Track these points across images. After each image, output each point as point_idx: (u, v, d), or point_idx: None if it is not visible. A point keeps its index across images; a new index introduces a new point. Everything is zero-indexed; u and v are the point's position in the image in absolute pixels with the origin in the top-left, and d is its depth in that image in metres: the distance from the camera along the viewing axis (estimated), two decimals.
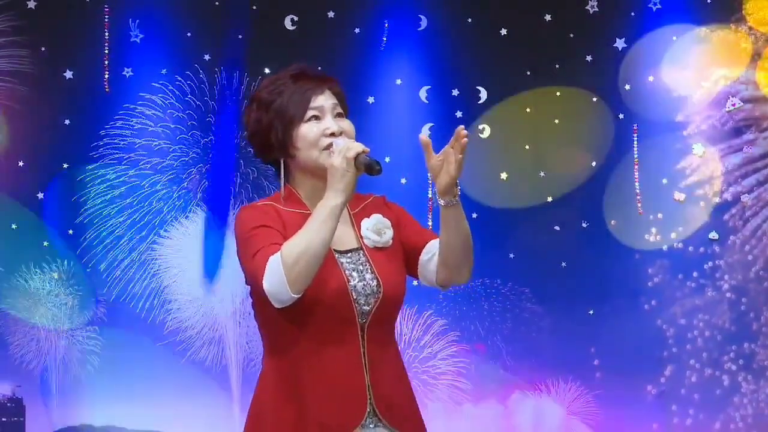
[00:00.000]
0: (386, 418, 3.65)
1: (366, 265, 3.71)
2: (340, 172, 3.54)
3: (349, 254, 3.72)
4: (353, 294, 3.65)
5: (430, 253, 3.79)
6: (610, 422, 8.14)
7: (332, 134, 3.70)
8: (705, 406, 8.16)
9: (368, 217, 3.77)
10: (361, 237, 3.74)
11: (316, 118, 3.71)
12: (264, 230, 3.67)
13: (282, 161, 3.75)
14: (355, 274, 3.68)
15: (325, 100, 3.74)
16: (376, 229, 3.74)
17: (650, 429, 8.17)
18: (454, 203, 3.60)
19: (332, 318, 3.64)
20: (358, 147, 3.59)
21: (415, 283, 3.88)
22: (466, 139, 3.59)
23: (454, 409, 7.98)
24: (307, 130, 3.69)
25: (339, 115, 3.74)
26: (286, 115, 3.70)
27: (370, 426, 3.65)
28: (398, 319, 3.89)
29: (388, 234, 3.75)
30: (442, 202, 3.64)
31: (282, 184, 3.75)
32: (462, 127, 3.60)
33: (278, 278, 3.55)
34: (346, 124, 3.74)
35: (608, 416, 8.15)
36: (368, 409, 3.64)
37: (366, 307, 3.66)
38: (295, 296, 3.58)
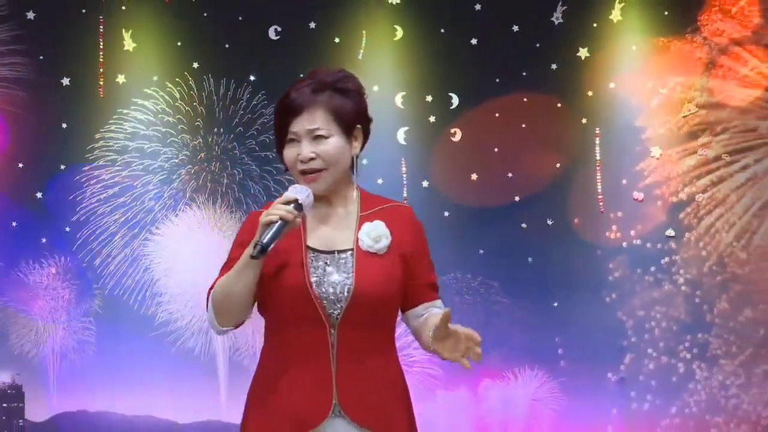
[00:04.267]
0: (353, 417, 3.65)
1: (349, 266, 3.70)
2: (261, 228, 3.53)
3: (336, 254, 3.71)
4: (317, 295, 3.64)
5: (420, 317, 3.75)
6: (573, 408, 8.14)
7: (309, 159, 3.67)
8: (662, 392, 8.18)
9: (372, 222, 3.75)
10: (358, 239, 3.73)
11: (295, 141, 3.70)
12: (233, 252, 3.73)
13: None
14: (333, 275, 3.67)
15: (300, 125, 3.69)
16: (374, 235, 3.72)
17: (610, 414, 8.18)
18: (439, 356, 3.60)
19: (298, 316, 3.66)
20: (272, 216, 3.53)
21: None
22: (478, 359, 3.49)
23: (426, 395, 7.95)
24: (286, 154, 3.71)
25: (317, 137, 3.68)
26: (276, 137, 3.75)
27: (335, 423, 3.66)
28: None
29: (384, 242, 3.71)
30: (429, 348, 3.60)
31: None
32: (480, 341, 3.49)
33: (210, 314, 3.68)
34: (323, 147, 3.67)
35: (571, 402, 8.13)
36: (333, 407, 3.65)
37: (338, 307, 3.66)
38: (225, 329, 3.70)
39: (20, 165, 7.97)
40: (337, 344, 3.64)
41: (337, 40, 8.15)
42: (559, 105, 8.20)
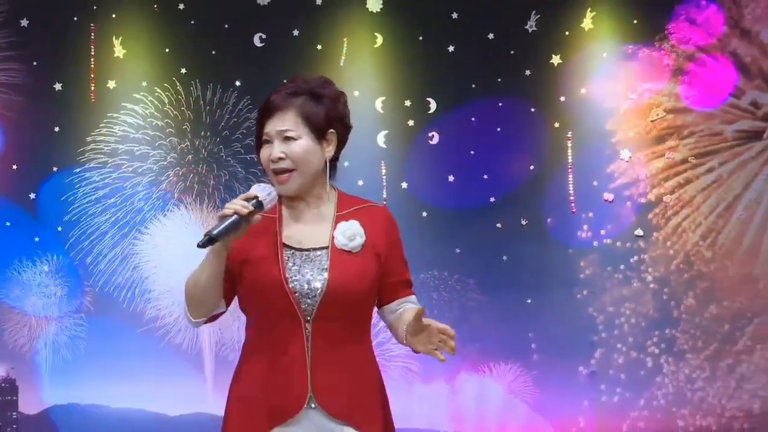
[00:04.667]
0: (327, 409, 3.67)
1: (324, 263, 3.71)
2: (217, 221, 3.57)
3: (311, 252, 3.73)
4: (292, 290, 3.66)
5: (395, 312, 3.80)
6: (546, 400, 8.12)
7: (278, 159, 3.72)
8: (630, 385, 8.17)
9: (347, 221, 3.76)
10: (333, 237, 3.74)
11: (268, 142, 3.75)
12: None
13: None
14: (307, 271, 3.69)
15: (272, 126, 3.73)
16: (349, 233, 3.73)
17: (581, 406, 8.15)
18: (414, 349, 3.64)
19: (274, 311, 3.67)
20: (228, 210, 3.55)
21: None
22: (452, 352, 3.54)
23: (404, 388, 7.96)
24: (261, 154, 3.77)
25: (287, 138, 3.71)
26: (255, 139, 3.82)
27: (311, 414, 3.67)
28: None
29: (359, 241, 3.73)
30: (404, 341, 3.66)
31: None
32: (455, 335, 3.54)
33: (184, 305, 3.74)
34: (291, 148, 3.71)
35: (544, 394, 8.11)
36: (308, 398, 3.67)
37: (312, 302, 3.67)
38: (197, 320, 3.74)
39: (14, 167, 7.94)
40: (311, 338, 3.66)
41: (319, 47, 8.11)
42: (532, 110, 8.19)
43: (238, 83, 8.08)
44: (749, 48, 8.27)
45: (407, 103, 8.18)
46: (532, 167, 8.22)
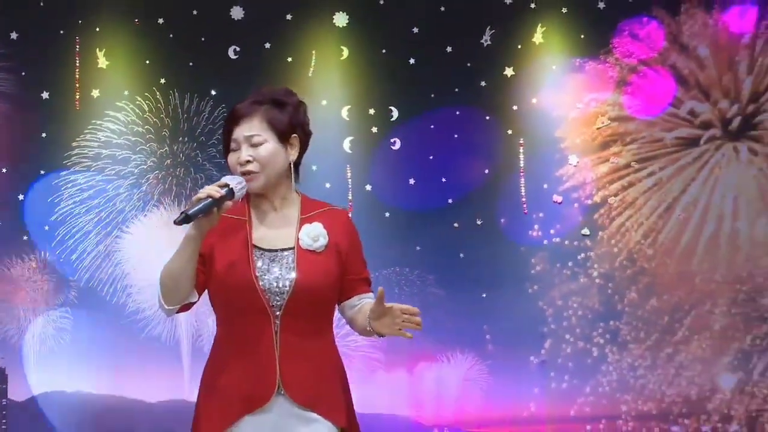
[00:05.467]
0: (294, 398, 3.70)
1: (291, 263, 3.73)
2: (191, 202, 3.60)
3: (279, 252, 3.75)
4: (262, 288, 3.69)
5: (354, 306, 3.83)
6: (499, 387, 8.16)
7: (246, 162, 3.74)
8: (578, 373, 8.25)
9: (311, 223, 3.78)
10: (299, 238, 3.76)
11: (235, 150, 3.76)
12: None
13: None
14: (275, 270, 3.71)
15: (240, 132, 3.75)
16: (313, 234, 3.75)
17: (532, 392, 8.21)
18: (379, 334, 3.69)
19: (245, 307, 3.70)
20: (202, 193, 3.59)
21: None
22: (419, 327, 3.59)
23: (368, 377, 8.02)
24: (229, 159, 3.77)
25: (254, 143, 3.74)
26: (223, 145, 3.84)
27: (280, 402, 3.70)
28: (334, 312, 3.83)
29: (322, 241, 3.75)
30: (368, 327, 3.69)
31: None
32: (418, 311, 3.61)
33: (158, 292, 3.73)
34: (258, 152, 3.73)
35: (497, 382, 8.16)
36: (276, 388, 3.69)
37: (281, 299, 3.70)
38: (170, 308, 3.73)
39: (4, 170, 8.00)
40: (280, 332, 3.69)
41: (289, 59, 8.15)
42: (487, 118, 8.22)
43: (213, 92, 8.12)
44: (687, 61, 8.35)
45: (371, 111, 8.23)
46: (486, 171, 8.26)
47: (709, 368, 8.38)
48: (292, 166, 3.80)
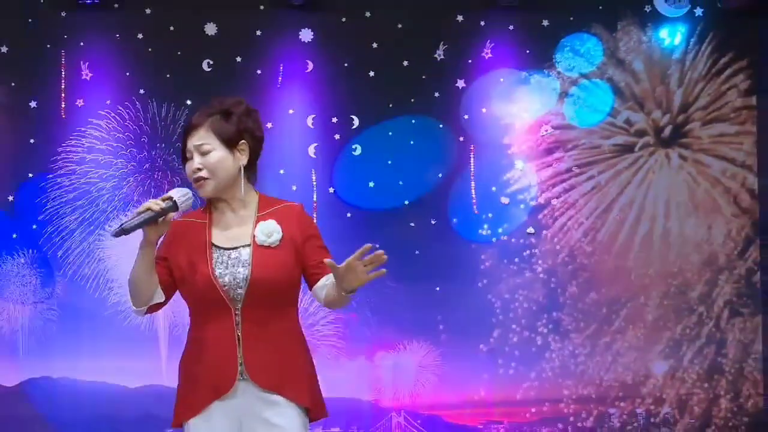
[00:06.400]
0: (257, 382, 3.83)
1: (248, 258, 3.86)
2: (132, 215, 3.75)
3: (236, 249, 3.88)
4: (221, 283, 3.82)
5: (323, 287, 3.90)
6: (452, 373, 8.28)
7: (197, 170, 3.87)
8: (523, 360, 8.38)
9: (266, 220, 3.90)
10: (254, 236, 3.90)
11: (189, 158, 3.91)
12: (158, 250, 3.90)
13: None
14: (233, 266, 3.82)
15: (192, 142, 3.87)
16: (267, 231, 3.88)
17: (482, 378, 8.34)
18: (351, 291, 3.77)
19: (207, 301, 3.85)
20: (142, 207, 3.70)
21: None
22: (383, 259, 3.70)
23: (331, 363, 8.10)
24: (185, 168, 3.92)
25: (203, 153, 3.86)
26: (181, 155, 3.97)
27: (244, 387, 3.85)
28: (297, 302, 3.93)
29: (276, 237, 3.87)
30: (343, 292, 3.75)
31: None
32: (382, 252, 3.71)
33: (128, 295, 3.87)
34: (206, 159, 3.85)
35: (450, 368, 8.29)
36: (239, 373, 3.83)
37: (239, 293, 3.83)
38: (138, 309, 3.89)
39: None
40: (242, 322, 3.84)
41: (259, 71, 8.22)
42: (440, 126, 8.35)
43: (189, 102, 8.16)
44: (624, 75, 8.49)
45: (334, 119, 8.32)
46: (440, 175, 8.39)
47: (643, 356, 8.49)
48: (242, 170, 3.90)
